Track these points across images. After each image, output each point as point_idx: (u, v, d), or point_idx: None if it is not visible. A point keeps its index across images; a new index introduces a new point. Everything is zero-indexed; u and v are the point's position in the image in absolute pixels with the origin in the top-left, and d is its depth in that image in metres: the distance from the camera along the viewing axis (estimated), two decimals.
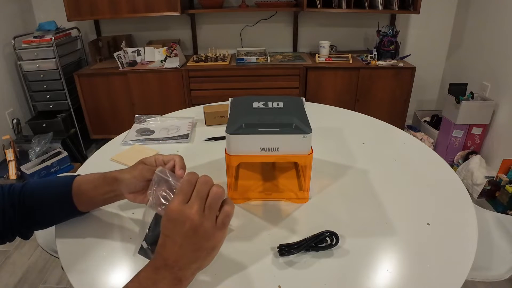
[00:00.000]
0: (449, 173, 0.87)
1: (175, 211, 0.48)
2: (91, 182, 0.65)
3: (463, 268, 0.58)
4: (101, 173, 0.66)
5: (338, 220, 0.71)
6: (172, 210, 0.48)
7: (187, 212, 0.47)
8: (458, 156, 2.39)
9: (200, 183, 0.50)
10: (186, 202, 0.48)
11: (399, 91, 2.46)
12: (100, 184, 0.64)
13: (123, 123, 2.52)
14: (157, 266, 0.48)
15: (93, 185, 0.64)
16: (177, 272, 0.48)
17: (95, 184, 0.64)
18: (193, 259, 0.49)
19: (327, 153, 0.96)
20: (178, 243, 0.48)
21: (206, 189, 0.49)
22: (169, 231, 0.48)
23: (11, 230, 0.62)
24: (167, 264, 0.48)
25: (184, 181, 0.50)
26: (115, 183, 0.64)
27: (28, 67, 2.42)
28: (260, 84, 2.46)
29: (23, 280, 1.60)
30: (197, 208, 0.48)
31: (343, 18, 2.77)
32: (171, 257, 0.48)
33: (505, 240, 0.89)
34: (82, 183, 0.65)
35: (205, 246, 0.49)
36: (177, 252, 0.48)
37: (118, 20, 2.75)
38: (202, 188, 0.49)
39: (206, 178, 0.50)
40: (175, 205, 0.48)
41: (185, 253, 0.48)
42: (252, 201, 0.77)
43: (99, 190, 0.64)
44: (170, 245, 0.48)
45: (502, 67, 2.21)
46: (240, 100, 0.79)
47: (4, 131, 2.39)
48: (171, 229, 0.48)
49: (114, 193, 0.65)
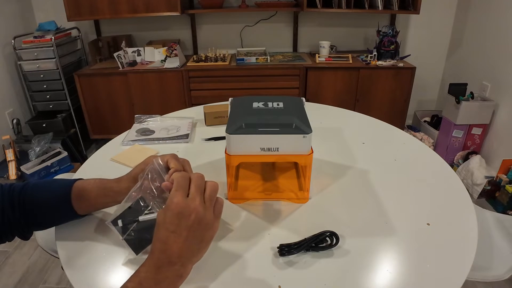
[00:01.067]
0: (449, 173, 0.87)
1: (180, 205, 0.49)
2: (90, 191, 0.65)
3: (463, 268, 0.58)
4: (100, 182, 0.65)
5: (338, 220, 0.71)
6: (177, 204, 0.49)
7: (192, 205, 0.49)
8: (458, 156, 2.39)
9: (197, 178, 0.53)
10: (187, 196, 0.50)
11: (399, 91, 2.46)
12: (100, 195, 0.65)
13: (123, 123, 2.52)
14: (159, 265, 0.48)
15: (93, 194, 0.65)
16: (179, 268, 0.49)
17: (95, 193, 0.65)
18: (195, 251, 0.51)
19: (327, 153, 0.96)
20: (183, 236, 0.49)
21: (203, 183, 0.53)
22: (174, 226, 0.49)
23: (10, 230, 0.62)
24: (170, 261, 0.48)
25: (179, 177, 0.51)
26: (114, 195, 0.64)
27: (28, 67, 2.42)
28: (260, 84, 2.46)
29: (23, 280, 1.60)
30: (199, 200, 0.50)
31: (343, 18, 2.77)
32: (175, 253, 0.49)
33: (505, 240, 0.89)
34: (81, 189, 0.65)
35: (207, 237, 0.52)
36: (181, 246, 0.49)
37: (118, 20, 2.75)
38: (200, 183, 0.52)
39: (200, 174, 0.54)
40: (179, 199, 0.49)
41: (190, 246, 0.49)
42: (252, 201, 0.77)
43: (99, 199, 0.65)
44: (174, 240, 0.49)
45: (502, 67, 2.21)
46: (240, 100, 0.79)
47: (4, 131, 2.39)
48: (177, 223, 0.49)
49: (115, 202, 0.65)
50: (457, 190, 0.80)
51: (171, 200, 0.49)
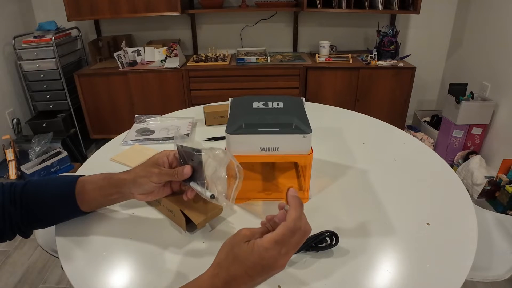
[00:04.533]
0: (449, 173, 0.87)
1: (273, 259, 0.46)
2: (95, 182, 0.65)
3: (463, 268, 0.58)
4: (105, 174, 0.66)
5: (338, 220, 0.71)
6: (270, 258, 0.46)
7: (281, 262, 0.47)
8: (458, 156, 2.39)
9: (302, 234, 0.48)
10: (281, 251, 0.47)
11: (399, 91, 2.46)
12: (105, 186, 0.64)
13: (123, 123, 2.52)
14: None
15: (97, 185, 0.64)
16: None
17: (99, 185, 0.64)
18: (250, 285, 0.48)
19: (327, 153, 0.96)
20: (255, 282, 0.47)
21: (304, 241, 0.49)
22: (255, 272, 0.46)
23: (11, 228, 0.62)
24: None
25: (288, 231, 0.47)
26: (121, 186, 0.64)
27: (28, 67, 2.42)
28: (260, 84, 2.46)
29: (23, 280, 1.60)
30: (289, 258, 0.48)
31: (343, 18, 2.77)
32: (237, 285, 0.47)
33: (505, 240, 0.89)
34: (86, 183, 0.65)
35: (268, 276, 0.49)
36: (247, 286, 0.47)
37: (118, 20, 2.75)
38: (301, 240, 0.49)
39: (308, 228, 0.49)
40: (275, 254, 0.46)
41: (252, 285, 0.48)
42: (252, 201, 0.77)
43: (104, 191, 0.64)
44: (245, 282, 0.46)
45: (502, 67, 2.21)
46: (240, 100, 0.79)
47: (4, 131, 2.39)
48: (259, 272, 0.46)
49: (120, 194, 0.65)
50: (457, 190, 0.80)
51: (268, 248, 0.46)
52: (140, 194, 0.64)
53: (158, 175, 0.62)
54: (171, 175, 0.63)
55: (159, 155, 0.65)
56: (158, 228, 0.69)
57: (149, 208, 0.75)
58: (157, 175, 0.62)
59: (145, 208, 0.75)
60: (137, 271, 0.59)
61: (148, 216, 0.72)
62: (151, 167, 0.63)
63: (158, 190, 0.65)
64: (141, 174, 0.63)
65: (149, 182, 0.62)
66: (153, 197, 0.66)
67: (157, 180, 0.63)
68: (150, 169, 0.63)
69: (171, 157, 0.66)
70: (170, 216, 0.71)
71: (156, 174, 0.62)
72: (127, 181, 0.63)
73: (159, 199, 0.71)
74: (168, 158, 0.65)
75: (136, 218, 0.72)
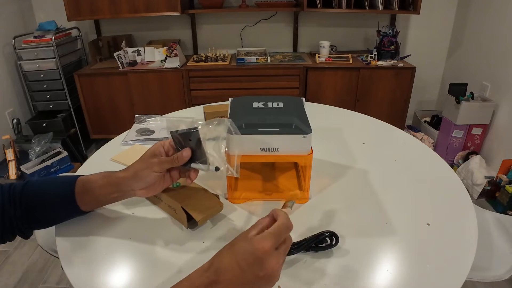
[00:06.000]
0: (449, 173, 0.87)
1: (267, 253, 0.46)
2: (94, 182, 0.65)
3: (463, 268, 0.58)
4: (105, 173, 0.65)
5: (338, 220, 0.71)
6: (264, 251, 0.46)
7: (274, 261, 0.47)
8: (458, 156, 2.39)
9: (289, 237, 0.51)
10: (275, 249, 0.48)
11: (399, 91, 2.46)
12: (104, 185, 0.64)
13: (123, 123, 2.51)
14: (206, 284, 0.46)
15: (97, 185, 0.64)
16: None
17: (99, 184, 0.64)
18: None
19: (327, 153, 0.96)
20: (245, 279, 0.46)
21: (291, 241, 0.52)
22: (246, 264, 0.46)
23: (11, 229, 0.62)
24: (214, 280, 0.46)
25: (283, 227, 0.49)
26: (121, 184, 0.64)
27: (28, 67, 2.42)
28: (260, 84, 2.46)
29: (23, 280, 1.60)
30: (282, 261, 0.48)
31: (343, 18, 2.77)
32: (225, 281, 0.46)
33: (505, 240, 0.89)
34: (85, 182, 0.65)
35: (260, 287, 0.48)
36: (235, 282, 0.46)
37: (118, 20, 2.75)
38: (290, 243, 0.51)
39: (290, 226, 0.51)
40: (270, 247, 0.46)
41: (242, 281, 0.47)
42: (252, 201, 0.77)
43: (103, 190, 0.64)
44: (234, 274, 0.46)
45: (502, 67, 2.21)
46: (240, 100, 0.79)
47: (4, 131, 2.39)
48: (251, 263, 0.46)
49: (120, 193, 0.65)
50: (457, 190, 0.80)
51: (262, 241, 0.46)
52: (141, 189, 0.64)
53: (159, 164, 0.63)
54: (171, 161, 0.63)
55: (155, 146, 0.65)
56: (158, 228, 0.69)
57: (149, 208, 0.75)
58: (157, 164, 0.62)
59: (145, 208, 0.75)
60: (137, 271, 0.59)
61: (148, 216, 0.72)
62: (150, 158, 0.64)
63: (159, 182, 0.65)
64: (141, 167, 0.63)
65: (151, 172, 0.62)
66: (154, 191, 0.66)
67: (159, 169, 0.63)
68: (150, 160, 0.63)
69: (167, 146, 0.66)
70: (172, 213, 0.71)
71: (157, 163, 0.62)
72: (127, 178, 0.63)
73: (160, 196, 0.71)
74: (164, 147, 0.65)
75: (136, 218, 0.72)
